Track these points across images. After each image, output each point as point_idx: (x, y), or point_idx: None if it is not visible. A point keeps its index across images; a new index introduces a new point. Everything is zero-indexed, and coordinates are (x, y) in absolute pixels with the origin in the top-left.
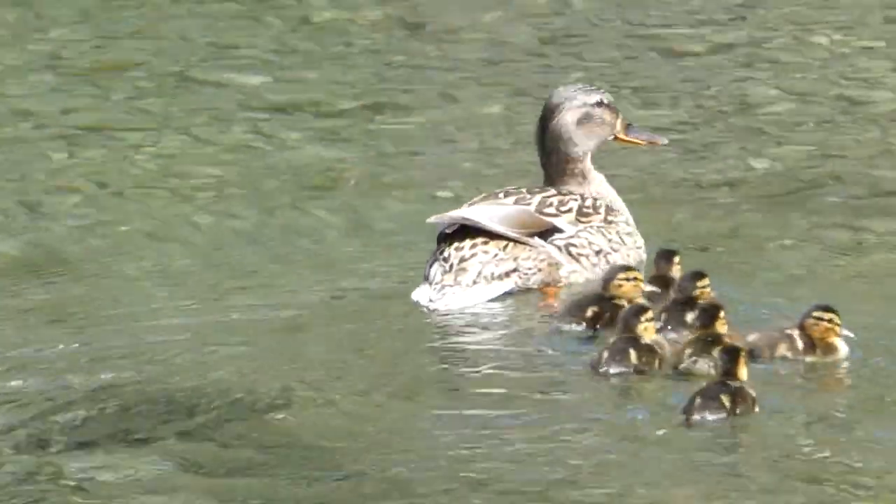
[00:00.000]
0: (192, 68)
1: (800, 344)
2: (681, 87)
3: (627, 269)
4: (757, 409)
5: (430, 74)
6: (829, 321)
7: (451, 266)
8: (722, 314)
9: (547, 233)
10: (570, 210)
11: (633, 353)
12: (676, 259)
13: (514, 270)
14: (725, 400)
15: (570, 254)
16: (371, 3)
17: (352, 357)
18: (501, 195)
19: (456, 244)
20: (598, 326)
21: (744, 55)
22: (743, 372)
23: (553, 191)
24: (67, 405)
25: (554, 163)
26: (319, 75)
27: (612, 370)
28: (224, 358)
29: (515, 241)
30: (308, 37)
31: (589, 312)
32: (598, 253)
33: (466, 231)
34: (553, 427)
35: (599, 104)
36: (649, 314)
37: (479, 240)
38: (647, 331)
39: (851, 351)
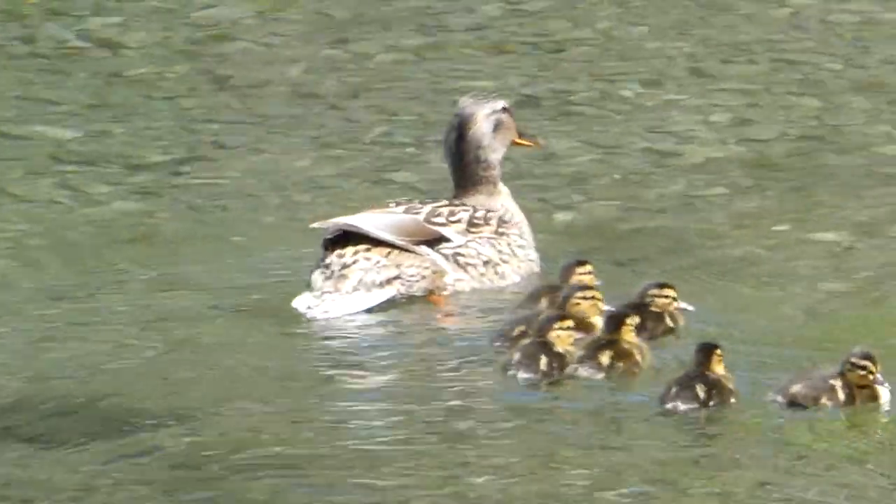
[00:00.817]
0: (3, 122)
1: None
2: None
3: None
4: (733, 401)
5: (238, 128)
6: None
7: (333, 273)
8: (629, 321)
9: (434, 241)
10: (459, 220)
11: (543, 359)
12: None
13: (397, 278)
14: (700, 391)
15: (457, 263)
16: (180, 57)
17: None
18: (393, 204)
19: (338, 251)
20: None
21: (548, 107)
22: (718, 368)
23: (445, 202)
24: None
25: (471, 173)
26: (128, 129)
27: (521, 375)
28: (28, 417)
29: (400, 248)
30: (118, 91)
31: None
32: (486, 263)
33: (351, 238)
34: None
35: (505, 110)
36: (567, 323)
37: (362, 247)
38: (560, 339)
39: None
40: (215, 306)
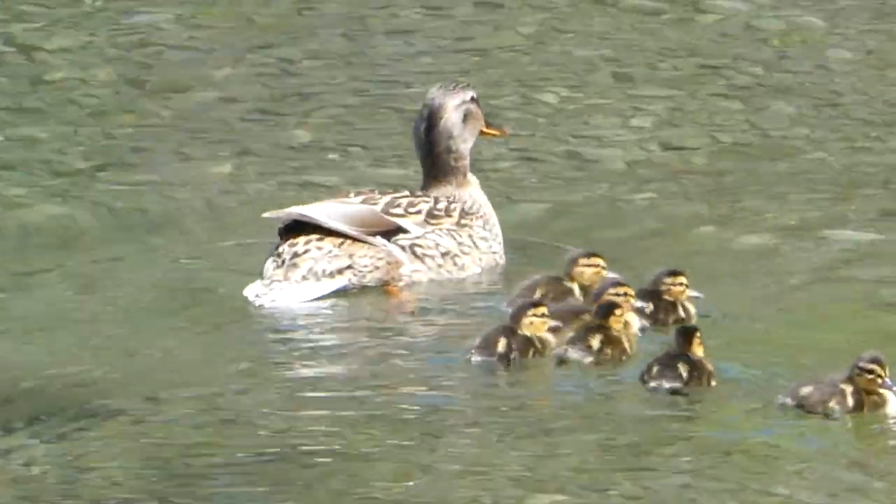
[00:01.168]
0: None
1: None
2: (409, 146)
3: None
4: (714, 384)
5: (161, 133)
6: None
7: (284, 262)
8: (618, 312)
9: (391, 232)
10: (419, 212)
11: (502, 342)
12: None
13: (349, 267)
14: (683, 370)
15: (414, 253)
16: (102, 61)
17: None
18: (352, 195)
19: (291, 240)
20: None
21: None
22: (698, 351)
23: (406, 192)
24: None
25: (441, 163)
26: (51, 133)
27: (475, 358)
28: None
29: (354, 238)
30: (40, 95)
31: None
32: (445, 254)
33: (305, 227)
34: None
35: (473, 100)
36: (542, 310)
37: (315, 236)
38: (533, 325)
39: None
40: (138, 307)
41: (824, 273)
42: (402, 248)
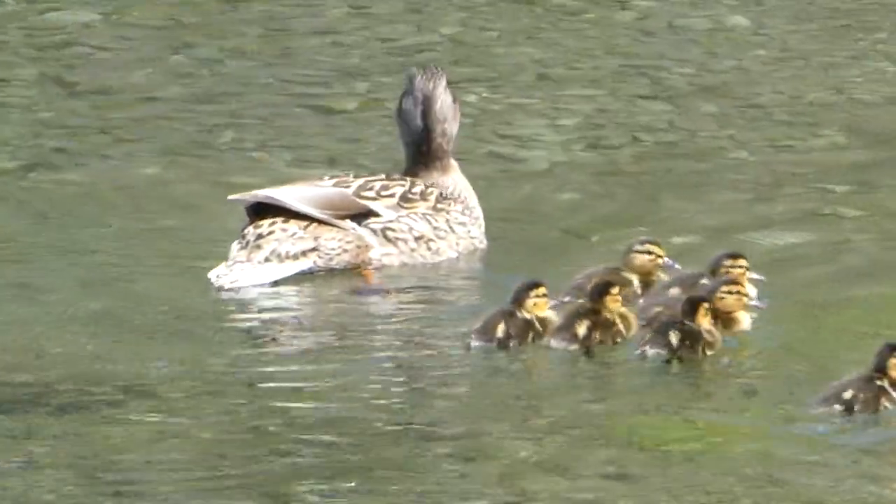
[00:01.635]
0: None
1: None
2: (334, 146)
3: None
4: (709, 353)
5: (84, 133)
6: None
7: (248, 243)
8: (614, 290)
9: (362, 216)
10: (392, 195)
11: (500, 328)
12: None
13: (314, 250)
14: (674, 337)
15: (386, 237)
16: (25, 61)
17: None
18: (326, 178)
19: (257, 222)
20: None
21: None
22: (703, 321)
23: (382, 176)
24: None
25: (436, 147)
26: None
27: (474, 343)
28: None
29: (323, 221)
30: None
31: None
32: (418, 239)
33: (272, 209)
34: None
35: (449, 84)
36: (542, 290)
37: (280, 218)
38: (537, 307)
39: None
40: (64, 311)
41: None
42: (374, 231)
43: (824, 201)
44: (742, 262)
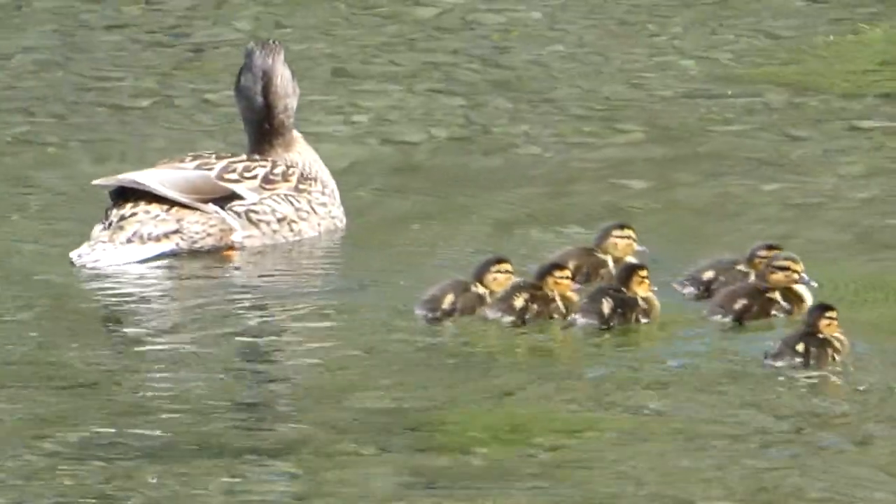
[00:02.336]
0: None
1: None
2: (127, 141)
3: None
4: (645, 321)
5: None
6: None
7: (111, 224)
8: (559, 273)
9: (227, 199)
10: (255, 177)
11: (448, 298)
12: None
13: (176, 232)
14: (605, 307)
15: (249, 220)
16: None
17: None
18: (188, 159)
19: (121, 203)
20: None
21: (185, 107)
22: (638, 289)
23: (244, 156)
24: None
25: (278, 123)
26: None
27: (419, 311)
28: None
29: (186, 205)
30: None
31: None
32: (281, 220)
33: (138, 193)
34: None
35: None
36: (505, 266)
37: (143, 200)
38: (497, 282)
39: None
40: None
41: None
42: (238, 214)
43: (620, 196)
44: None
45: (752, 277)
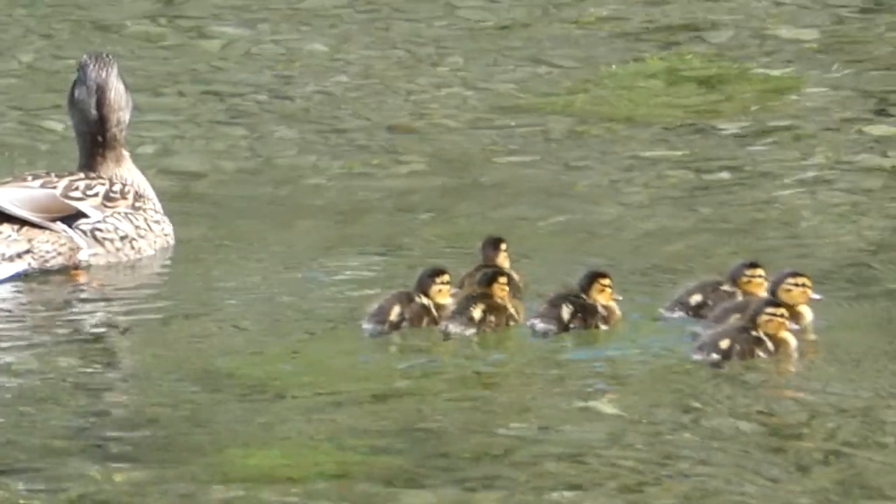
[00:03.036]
0: None
1: None
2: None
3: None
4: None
5: None
6: None
7: None
8: (502, 279)
9: (73, 217)
10: (96, 194)
11: (395, 310)
12: (503, 246)
13: (28, 252)
14: (566, 312)
15: (95, 238)
16: None
17: None
18: (30, 178)
19: None
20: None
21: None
22: (599, 297)
23: (81, 175)
24: None
25: (111, 137)
26: None
27: (365, 325)
28: None
29: (35, 224)
30: None
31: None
32: (123, 238)
33: None
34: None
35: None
36: (445, 278)
37: None
38: (440, 294)
39: None
40: None
41: (333, 299)
42: (84, 232)
43: (403, 227)
44: (760, 271)
45: (740, 297)
